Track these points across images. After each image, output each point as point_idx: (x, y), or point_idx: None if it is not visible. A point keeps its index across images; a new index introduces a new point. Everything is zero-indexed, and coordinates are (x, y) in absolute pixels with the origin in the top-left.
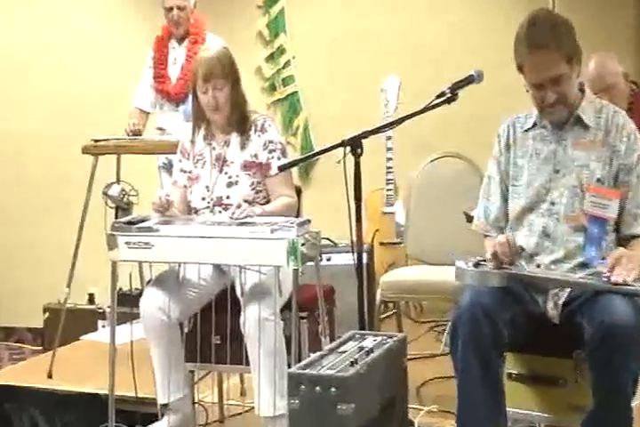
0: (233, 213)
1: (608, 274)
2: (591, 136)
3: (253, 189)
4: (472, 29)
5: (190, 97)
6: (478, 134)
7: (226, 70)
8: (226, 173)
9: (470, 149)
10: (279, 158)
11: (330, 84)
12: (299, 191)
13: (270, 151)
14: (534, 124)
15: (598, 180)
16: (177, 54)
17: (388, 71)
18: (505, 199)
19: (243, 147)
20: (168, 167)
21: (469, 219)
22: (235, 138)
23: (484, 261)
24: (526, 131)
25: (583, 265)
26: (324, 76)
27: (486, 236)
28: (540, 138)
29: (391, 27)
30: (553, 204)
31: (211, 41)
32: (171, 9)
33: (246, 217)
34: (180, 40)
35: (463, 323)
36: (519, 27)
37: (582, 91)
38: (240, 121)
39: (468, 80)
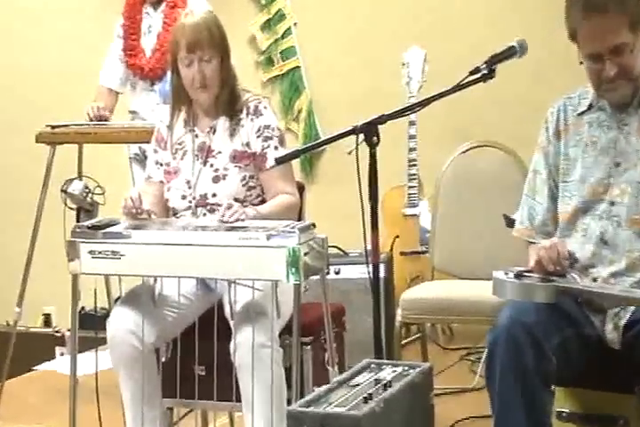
0: (222, 216)
1: None
2: None
3: (245, 184)
4: None
5: (168, 74)
6: (522, 119)
7: (215, 39)
8: (211, 166)
9: (512, 138)
10: (276, 148)
11: (339, 57)
12: (301, 189)
13: (266, 139)
14: (590, 106)
15: None
16: (152, 21)
17: (410, 41)
18: (554, 199)
19: (232, 134)
20: (141, 159)
21: (510, 223)
22: (222, 123)
23: (529, 271)
24: (580, 114)
25: None
26: (331, 47)
27: (531, 243)
28: (596, 123)
29: None
30: (612, 204)
31: (193, 4)
32: None
33: (238, 220)
34: (156, 4)
35: (501, 346)
36: None
37: None
38: (229, 102)
39: (509, 53)
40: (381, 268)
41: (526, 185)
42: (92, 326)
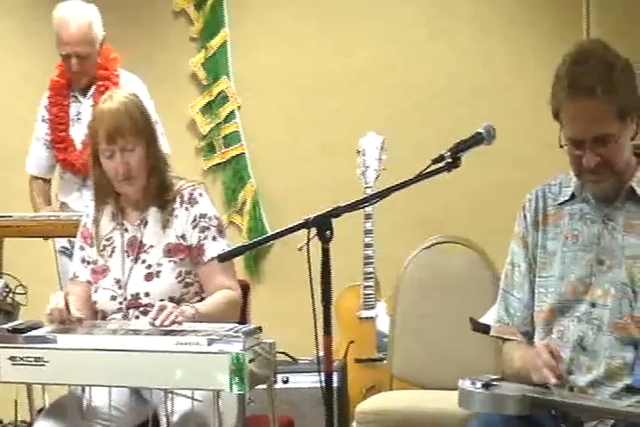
0: (154, 320)
1: None
2: None
3: (181, 281)
4: (487, 65)
5: None
6: (493, 213)
7: (138, 125)
8: (143, 262)
9: (480, 233)
10: (215, 239)
11: (288, 143)
12: (246, 289)
13: (202, 230)
14: (572, 196)
15: None
16: (81, 108)
17: (366, 126)
18: (534, 294)
19: (165, 226)
20: (70, 253)
21: (477, 327)
22: (153, 214)
23: (499, 380)
24: (561, 204)
25: (631, 389)
26: (279, 132)
27: (506, 340)
28: (578, 215)
29: (372, 65)
30: (594, 306)
31: (126, 81)
32: (68, 57)
33: (174, 323)
34: (85, 88)
35: None
36: (561, 61)
37: None
38: (160, 191)
39: (475, 139)
40: (334, 376)
41: (503, 279)
42: None
